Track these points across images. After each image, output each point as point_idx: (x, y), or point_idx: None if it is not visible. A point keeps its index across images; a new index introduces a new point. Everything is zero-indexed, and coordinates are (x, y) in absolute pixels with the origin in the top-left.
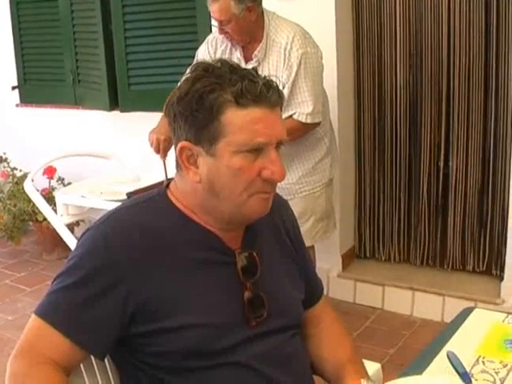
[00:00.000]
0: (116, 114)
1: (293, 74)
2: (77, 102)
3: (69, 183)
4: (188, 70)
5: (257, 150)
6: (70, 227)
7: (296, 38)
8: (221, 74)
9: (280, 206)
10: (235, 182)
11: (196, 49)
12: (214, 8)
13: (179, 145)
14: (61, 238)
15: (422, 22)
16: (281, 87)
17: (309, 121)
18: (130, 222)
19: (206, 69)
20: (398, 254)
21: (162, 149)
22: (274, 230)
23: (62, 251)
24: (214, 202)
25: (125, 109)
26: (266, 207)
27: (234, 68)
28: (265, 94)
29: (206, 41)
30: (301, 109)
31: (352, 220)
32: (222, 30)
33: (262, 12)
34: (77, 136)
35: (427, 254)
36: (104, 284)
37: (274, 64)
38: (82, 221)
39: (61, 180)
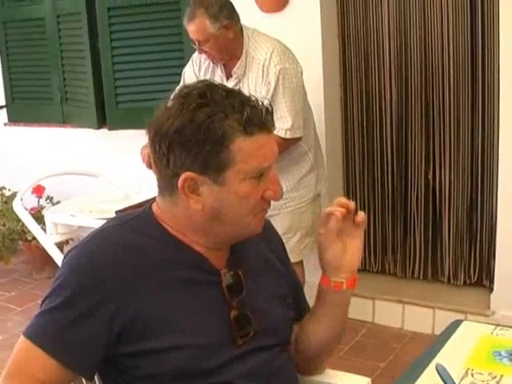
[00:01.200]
0: (104, 131)
1: (271, 90)
2: (64, 120)
3: (57, 202)
4: (176, 92)
5: (261, 175)
6: (60, 246)
7: (274, 54)
8: (219, 101)
9: (266, 226)
10: (242, 206)
11: (183, 65)
12: (190, 28)
13: (182, 176)
14: (50, 257)
15: (409, 34)
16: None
17: (288, 136)
18: (115, 240)
19: (202, 95)
20: (389, 266)
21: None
22: (260, 249)
23: (51, 270)
24: (215, 227)
25: (113, 126)
26: (262, 224)
27: (227, 92)
28: (267, 119)
29: (191, 60)
30: (280, 124)
31: None
32: (200, 50)
33: (241, 29)
34: (65, 154)
35: (418, 266)
36: (90, 303)
37: (254, 80)
38: (72, 239)
39: (49, 199)
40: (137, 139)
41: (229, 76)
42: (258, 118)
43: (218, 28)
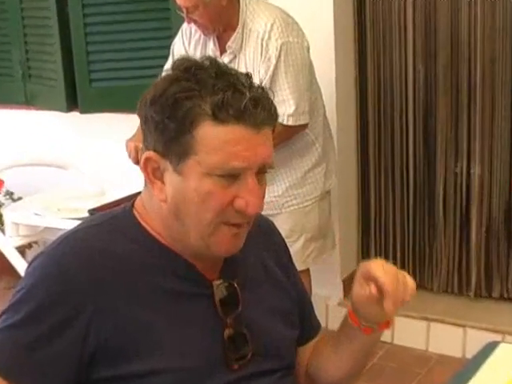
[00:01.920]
0: (75, 115)
1: (271, 68)
2: (28, 100)
3: (19, 198)
4: (168, 65)
5: (232, 176)
6: (21, 250)
7: (275, 26)
8: (203, 79)
9: (267, 227)
10: (202, 208)
11: (170, 37)
12: None
13: (144, 155)
14: (9, 264)
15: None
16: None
17: (291, 123)
18: (88, 245)
19: (188, 69)
20: (411, 277)
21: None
22: (261, 257)
23: (10, 279)
24: (179, 228)
25: (85, 109)
26: (236, 244)
27: (222, 72)
28: (250, 109)
29: (180, 30)
30: (281, 109)
31: (354, 238)
32: (189, 19)
33: None
34: (28, 141)
35: (445, 277)
36: (58, 318)
37: (251, 57)
38: (36, 243)
39: (9, 194)
40: (114, 124)
41: (223, 51)
42: (236, 105)
43: None
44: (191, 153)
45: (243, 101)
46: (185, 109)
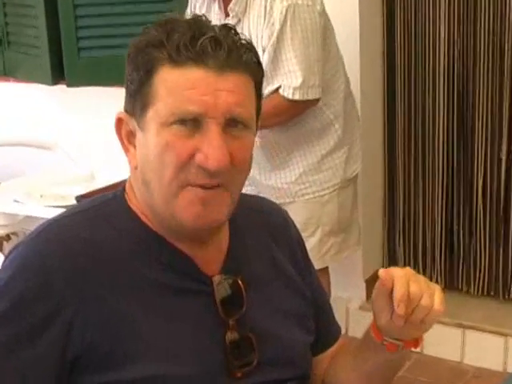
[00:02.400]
0: (61, 88)
1: (275, 34)
2: (6, 71)
3: None
4: None
5: (194, 125)
6: None
7: None
8: (173, 28)
9: (279, 217)
10: (162, 164)
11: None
12: None
13: (116, 115)
14: None
15: None
16: (260, 52)
17: (297, 97)
18: (72, 234)
19: (163, 22)
20: (443, 278)
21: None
22: (271, 251)
23: None
24: (148, 196)
25: (73, 82)
26: (206, 213)
27: (196, 21)
28: (209, 50)
29: None
30: (286, 81)
31: (379, 233)
32: None
33: None
34: (6, 118)
35: (483, 278)
36: (40, 315)
37: (255, 21)
38: (14, 234)
39: None
40: (105, 99)
41: (227, 14)
42: (196, 45)
43: None
44: (151, 103)
45: (203, 41)
46: (144, 58)
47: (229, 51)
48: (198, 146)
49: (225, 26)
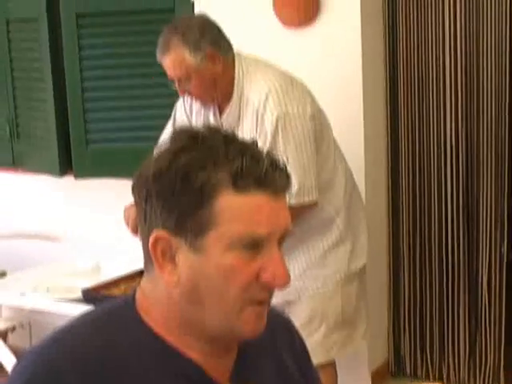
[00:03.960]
0: (69, 180)
1: (267, 145)
2: (15, 162)
3: (2, 272)
4: (166, 132)
5: (256, 246)
6: (3, 333)
7: (271, 95)
8: (213, 146)
9: (283, 326)
10: (227, 286)
11: (173, 95)
12: (166, 63)
13: (153, 235)
14: None
15: (481, 51)
16: None
17: (294, 202)
18: (84, 344)
19: (194, 137)
20: (451, 371)
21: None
22: (277, 359)
23: None
24: (195, 312)
25: (81, 173)
26: (261, 325)
27: (229, 139)
28: (271, 175)
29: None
30: None
31: (385, 324)
32: (182, 90)
33: (234, 61)
34: (15, 209)
35: (492, 372)
36: None
37: (248, 131)
38: (21, 325)
39: None
40: (112, 191)
41: (221, 124)
42: (257, 171)
43: (200, 59)
44: (211, 227)
45: (262, 166)
46: (199, 180)
47: (281, 174)
48: (263, 266)
49: (254, 142)
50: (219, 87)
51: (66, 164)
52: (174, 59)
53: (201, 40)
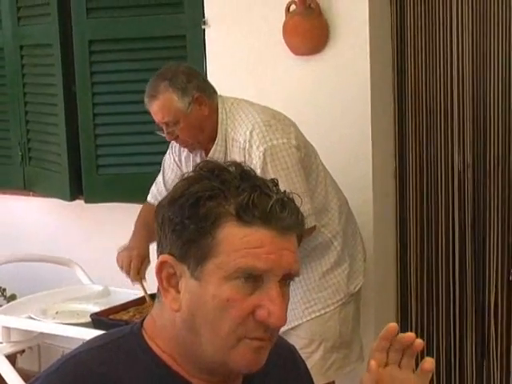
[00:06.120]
0: (79, 204)
1: None
2: (26, 186)
3: (12, 296)
4: (158, 182)
5: (255, 281)
6: (12, 357)
7: (255, 132)
8: (227, 180)
9: (289, 355)
10: (221, 317)
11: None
12: (153, 108)
13: (160, 258)
14: None
15: (488, 84)
16: None
17: None
18: (91, 370)
19: (212, 170)
20: None
21: (133, 268)
22: (282, 378)
23: None
24: (193, 341)
25: (91, 198)
26: (258, 360)
27: (246, 175)
28: (277, 212)
29: (169, 145)
30: None
31: None
32: (170, 135)
33: (217, 104)
34: (26, 233)
35: None
36: None
37: None
38: (30, 348)
39: (1, 291)
40: (122, 215)
41: None
42: (262, 206)
43: (188, 103)
44: (211, 255)
45: (270, 203)
46: (207, 209)
47: (290, 214)
48: (259, 303)
49: (274, 181)
50: (206, 130)
51: (77, 188)
52: (162, 104)
53: (187, 85)
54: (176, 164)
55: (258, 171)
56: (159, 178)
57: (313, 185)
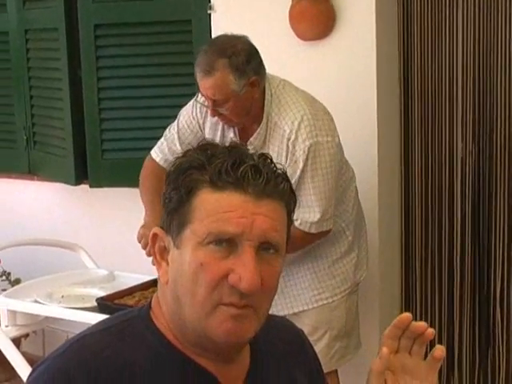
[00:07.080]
0: (84, 188)
1: (298, 173)
2: (31, 170)
3: (17, 280)
4: (170, 134)
5: (229, 245)
6: (17, 340)
7: (303, 125)
8: (213, 153)
9: (297, 340)
10: (196, 282)
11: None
12: (206, 84)
13: (152, 230)
14: (2, 356)
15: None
16: None
17: (313, 231)
18: (95, 354)
19: (203, 146)
20: None
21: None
22: (289, 373)
23: (2, 371)
24: (179, 311)
25: (96, 183)
26: (237, 330)
27: (233, 148)
28: (249, 177)
29: (195, 98)
30: (305, 216)
31: None
32: (214, 112)
33: (265, 84)
34: (30, 217)
35: None
36: None
37: (275, 155)
38: (34, 332)
39: (6, 275)
40: (127, 200)
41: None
42: (235, 172)
43: (243, 85)
44: (188, 222)
45: (241, 168)
46: (185, 178)
47: (267, 180)
48: (232, 267)
49: (262, 154)
50: (253, 112)
51: (82, 173)
52: (216, 82)
53: (246, 67)
54: (199, 125)
55: (300, 165)
56: (172, 136)
57: (339, 177)
